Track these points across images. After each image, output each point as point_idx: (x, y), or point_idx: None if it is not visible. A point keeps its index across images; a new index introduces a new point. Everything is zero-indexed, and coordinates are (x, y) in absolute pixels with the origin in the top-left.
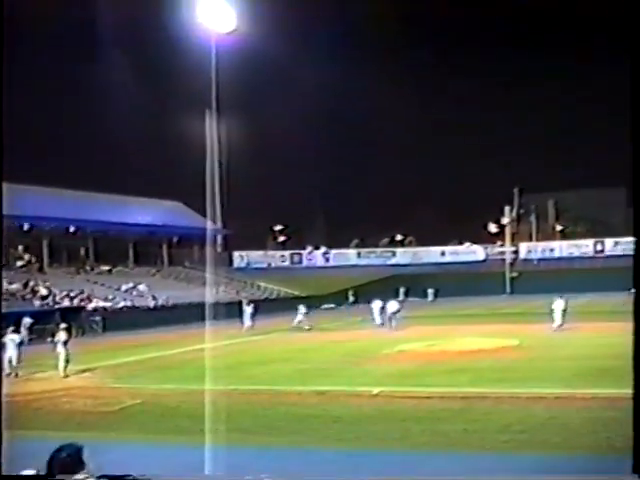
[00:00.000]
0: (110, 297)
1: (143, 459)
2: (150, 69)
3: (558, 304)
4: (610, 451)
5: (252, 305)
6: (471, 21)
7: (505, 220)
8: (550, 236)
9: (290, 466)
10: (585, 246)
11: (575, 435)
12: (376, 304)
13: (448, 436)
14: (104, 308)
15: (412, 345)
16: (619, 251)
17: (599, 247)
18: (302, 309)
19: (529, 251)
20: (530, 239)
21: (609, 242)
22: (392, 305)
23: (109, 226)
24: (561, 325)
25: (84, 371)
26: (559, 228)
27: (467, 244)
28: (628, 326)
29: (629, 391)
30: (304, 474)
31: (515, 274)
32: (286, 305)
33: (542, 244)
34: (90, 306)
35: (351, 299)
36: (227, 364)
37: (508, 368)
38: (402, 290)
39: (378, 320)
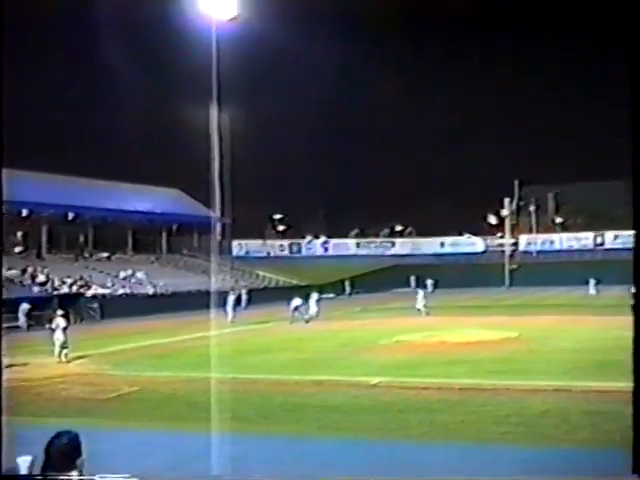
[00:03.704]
0: (108, 284)
1: (141, 447)
2: (150, 57)
3: None
4: (609, 445)
5: (234, 295)
6: (471, 10)
7: (505, 212)
8: (550, 228)
9: (287, 455)
10: (585, 239)
11: (573, 428)
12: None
13: (445, 427)
14: (102, 295)
15: (410, 336)
16: (619, 244)
17: (599, 240)
18: (420, 292)
19: (529, 243)
20: (530, 231)
21: (609, 235)
22: (297, 301)
23: (108, 213)
24: None
25: (81, 358)
26: (559, 220)
27: (467, 235)
28: (628, 319)
29: (629, 384)
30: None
31: (515, 266)
32: (285, 294)
33: (542, 236)
34: (88, 293)
35: (348, 289)
36: (225, 352)
37: (506, 360)
38: (413, 278)
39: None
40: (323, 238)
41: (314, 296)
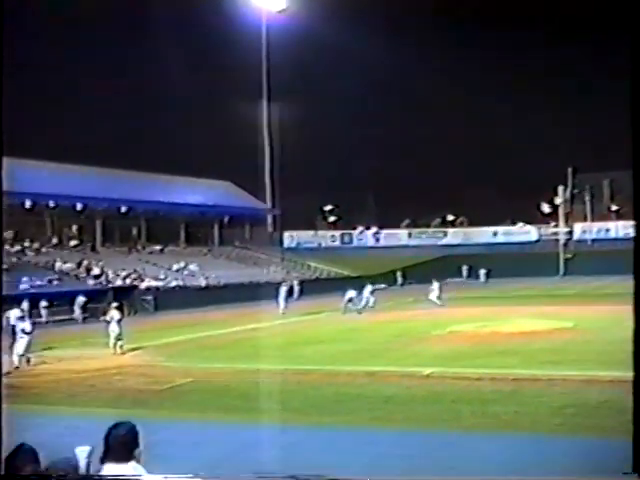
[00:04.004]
0: (162, 276)
1: (194, 437)
2: (201, 48)
3: None
4: None
5: (286, 286)
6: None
7: (559, 200)
8: (605, 216)
9: (339, 446)
10: None
11: (631, 420)
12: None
13: (499, 418)
14: (156, 287)
15: (463, 326)
16: None
17: None
18: (435, 284)
19: (583, 231)
20: (584, 219)
21: None
22: (351, 292)
23: (161, 206)
24: None
25: (136, 349)
26: (614, 208)
27: (520, 224)
28: None
29: None
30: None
31: (569, 255)
32: (336, 285)
33: (597, 224)
34: (142, 285)
35: (400, 280)
36: (277, 344)
37: (562, 350)
38: (465, 268)
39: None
40: (374, 229)
41: (368, 287)
